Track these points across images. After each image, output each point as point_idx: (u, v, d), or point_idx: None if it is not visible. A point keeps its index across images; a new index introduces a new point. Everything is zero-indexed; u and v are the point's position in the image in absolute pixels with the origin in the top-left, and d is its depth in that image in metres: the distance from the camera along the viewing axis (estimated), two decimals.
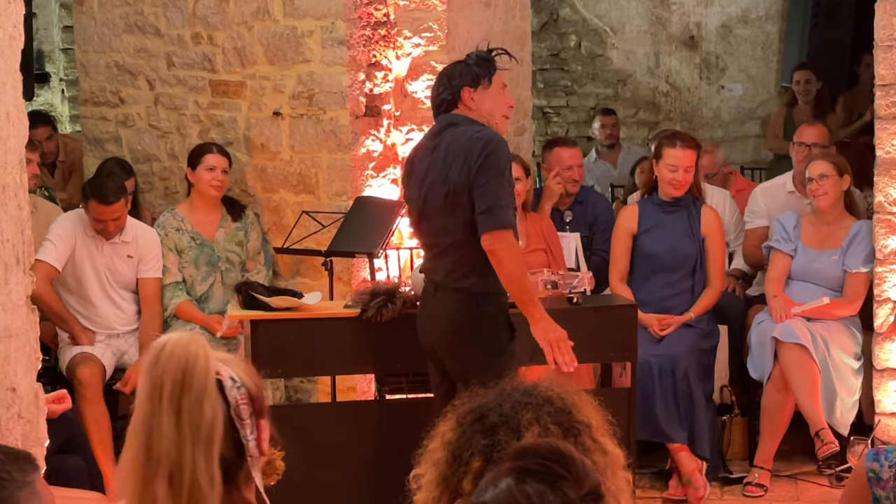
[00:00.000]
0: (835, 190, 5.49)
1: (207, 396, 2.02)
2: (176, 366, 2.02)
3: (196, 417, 2.01)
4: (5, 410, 2.84)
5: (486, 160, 3.98)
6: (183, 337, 2.07)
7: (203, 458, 2.00)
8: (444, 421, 1.95)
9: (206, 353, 2.06)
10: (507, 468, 1.59)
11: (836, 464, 5.29)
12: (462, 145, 4.05)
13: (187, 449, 2.00)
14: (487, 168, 3.99)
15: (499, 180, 4.00)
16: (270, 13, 5.74)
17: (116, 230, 5.41)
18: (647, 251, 5.62)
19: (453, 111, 4.17)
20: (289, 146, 5.79)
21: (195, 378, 2.02)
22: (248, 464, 2.07)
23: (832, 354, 5.32)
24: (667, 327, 5.47)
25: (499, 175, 4.00)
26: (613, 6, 9.66)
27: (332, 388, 5.13)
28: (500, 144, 4.04)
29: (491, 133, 4.07)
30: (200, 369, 2.03)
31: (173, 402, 2.01)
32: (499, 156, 4.01)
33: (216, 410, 2.03)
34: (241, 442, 2.06)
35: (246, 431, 2.07)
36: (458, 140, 4.08)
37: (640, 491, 5.24)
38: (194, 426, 2.00)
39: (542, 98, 9.77)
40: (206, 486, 2.00)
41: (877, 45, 5.12)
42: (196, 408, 2.01)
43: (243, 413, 2.07)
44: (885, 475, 2.71)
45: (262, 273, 5.74)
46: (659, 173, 5.57)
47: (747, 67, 9.41)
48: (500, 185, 4.00)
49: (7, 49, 2.85)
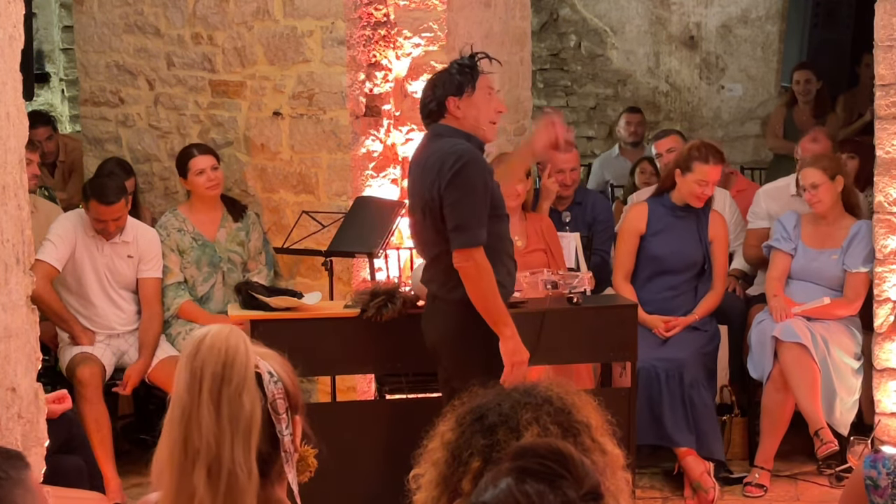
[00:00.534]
0: (829, 195, 5.49)
1: (247, 389, 2.02)
2: (216, 357, 2.02)
3: (236, 410, 2.00)
4: (5, 410, 2.84)
5: (455, 176, 3.96)
6: (223, 329, 2.07)
7: (242, 451, 2.00)
8: (443, 421, 1.95)
9: (247, 346, 2.06)
10: (507, 468, 1.59)
11: (835, 464, 5.30)
12: (436, 160, 4.04)
13: (226, 441, 1.99)
14: (456, 185, 3.96)
15: (469, 197, 3.97)
16: (270, 13, 5.74)
17: (117, 230, 5.41)
18: (653, 253, 5.62)
19: (441, 121, 4.16)
20: (289, 146, 5.79)
21: (235, 370, 2.02)
22: (282, 459, 2.07)
23: (832, 354, 5.32)
24: (673, 328, 5.48)
25: (469, 192, 3.96)
26: (613, 6, 9.66)
27: (332, 388, 5.13)
28: (472, 160, 3.99)
29: (464, 148, 4.03)
30: (241, 361, 2.02)
31: (213, 394, 2.00)
32: (469, 172, 3.97)
33: (255, 403, 2.02)
34: (277, 436, 2.06)
35: (282, 426, 2.06)
36: (434, 154, 4.08)
37: (640, 491, 5.24)
38: (234, 418, 2.00)
39: (542, 98, 9.77)
40: (243, 478, 2.00)
41: (877, 45, 5.11)
42: (236, 400, 2.00)
43: (280, 407, 2.06)
44: (883, 482, 2.71)
45: (263, 273, 5.74)
46: (685, 185, 5.54)
47: (747, 67, 9.41)
48: (469, 202, 3.97)
49: (7, 49, 2.84)
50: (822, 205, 5.50)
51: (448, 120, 4.14)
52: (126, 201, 5.39)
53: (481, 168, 4.04)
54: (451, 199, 3.98)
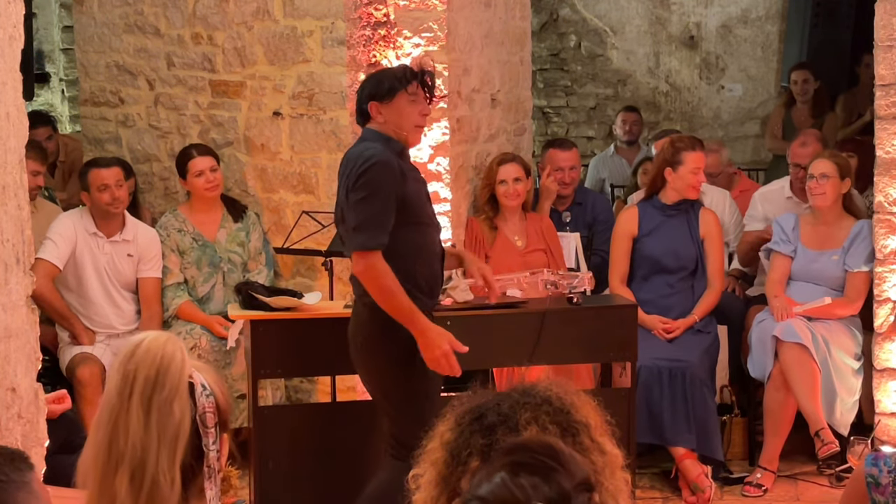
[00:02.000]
0: (834, 191, 5.49)
1: (179, 397, 2.00)
2: (151, 362, 2.00)
3: (165, 417, 1.99)
4: (5, 410, 2.84)
5: (359, 179, 3.96)
6: (161, 336, 2.06)
7: (167, 460, 1.98)
8: (442, 421, 1.95)
9: (183, 355, 2.04)
10: (500, 463, 1.60)
11: (836, 464, 5.30)
12: (347, 162, 4.08)
13: (152, 448, 1.98)
14: (359, 187, 3.96)
15: (369, 200, 3.95)
16: (270, 13, 5.74)
17: (123, 204, 5.45)
18: (647, 253, 5.63)
19: (368, 124, 4.17)
20: (289, 146, 5.79)
21: (169, 377, 2.00)
22: (204, 474, 2.04)
23: (832, 354, 5.32)
24: (672, 331, 5.48)
25: (370, 195, 3.95)
26: (613, 6, 9.66)
27: (332, 388, 5.13)
28: (378, 164, 3.97)
29: (373, 152, 4.01)
30: (175, 369, 2.01)
31: (144, 399, 1.99)
32: (374, 175, 3.96)
33: (185, 413, 2.01)
34: (202, 450, 2.03)
35: (209, 440, 2.03)
36: (348, 157, 4.11)
37: (639, 491, 5.24)
38: (162, 426, 1.98)
39: (542, 98, 9.77)
40: (166, 487, 1.98)
41: (877, 45, 5.12)
42: (166, 407, 1.99)
43: (209, 421, 2.03)
44: (884, 480, 2.71)
45: (264, 273, 5.74)
46: (679, 179, 5.57)
47: (747, 67, 9.41)
48: (370, 204, 3.95)
49: (7, 49, 2.85)
50: (825, 198, 5.49)
51: (372, 124, 4.15)
52: (125, 176, 5.53)
53: (390, 172, 3.99)
54: (352, 200, 3.99)
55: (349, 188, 4.00)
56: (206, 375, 2.08)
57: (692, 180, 5.56)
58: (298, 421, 4.87)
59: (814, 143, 6.07)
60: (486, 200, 5.79)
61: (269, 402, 5.35)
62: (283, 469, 4.67)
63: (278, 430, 4.72)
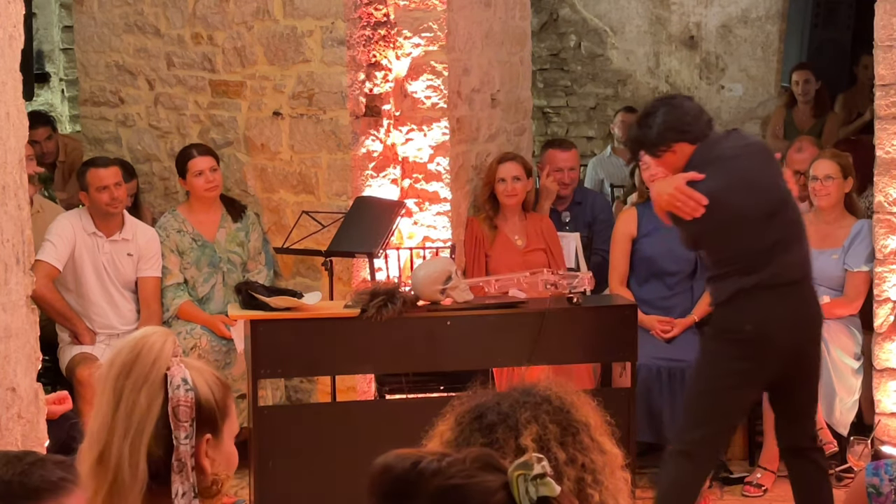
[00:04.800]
0: (838, 192, 5.50)
1: (147, 386, 2.00)
2: (130, 350, 2.01)
3: (131, 404, 1.99)
4: (5, 410, 2.84)
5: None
6: (157, 330, 2.06)
7: (129, 447, 1.98)
8: (442, 420, 1.95)
9: (166, 347, 2.03)
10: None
11: (836, 464, 5.29)
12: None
13: (118, 433, 1.98)
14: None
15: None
16: (270, 13, 5.74)
17: (122, 204, 5.45)
18: (646, 254, 5.63)
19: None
20: (289, 146, 5.79)
21: (140, 364, 2.00)
22: (173, 467, 2.00)
23: (832, 354, 5.32)
24: (669, 330, 5.48)
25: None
26: (613, 6, 9.66)
27: (332, 388, 5.13)
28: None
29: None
30: (149, 358, 2.00)
31: (117, 384, 2.00)
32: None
33: (153, 403, 2.00)
34: (173, 442, 2.01)
35: (180, 433, 2.00)
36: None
37: (639, 491, 5.23)
38: (128, 412, 1.98)
39: (542, 98, 9.77)
40: (128, 476, 1.98)
41: (877, 45, 5.12)
42: (134, 394, 1.99)
43: (182, 415, 2.01)
44: (886, 489, 2.70)
45: (263, 273, 5.74)
46: (644, 180, 5.61)
47: (747, 67, 9.40)
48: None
49: (7, 49, 2.85)
50: (829, 199, 5.50)
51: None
52: (124, 177, 5.54)
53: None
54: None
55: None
56: (195, 374, 2.06)
57: (647, 176, 5.57)
58: (298, 421, 4.86)
59: (810, 148, 6.08)
60: (486, 199, 5.80)
61: (269, 402, 5.34)
62: (283, 469, 4.67)
63: (278, 430, 4.72)
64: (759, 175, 4.21)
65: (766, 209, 4.16)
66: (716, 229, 4.18)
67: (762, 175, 4.22)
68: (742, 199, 4.15)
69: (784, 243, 4.17)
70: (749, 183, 4.17)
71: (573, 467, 1.84)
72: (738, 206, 4.14)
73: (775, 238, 4.15)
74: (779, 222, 4.17)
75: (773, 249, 4.14)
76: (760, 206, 4.16)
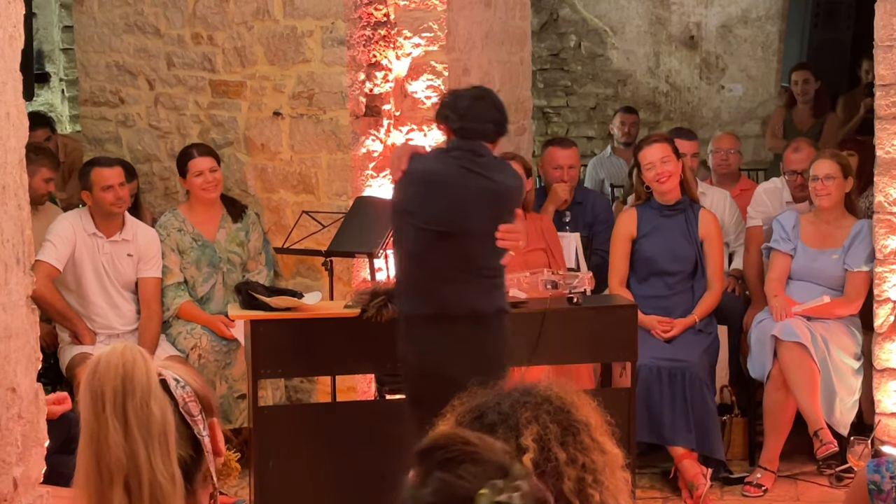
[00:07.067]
0: (838, 191, 5.50)
1: (153, 396, 1.99)
2: (114, 373, 1.99)
3: (145, 418, 1.98)
4: (5, 410, 2.84)
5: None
6: (117, 347, 2.04)
7: (160, 458, 1.98)
8: (443, 420, 1.95)
9: (144, 357, 2.03)
10: (427, 466, 1.58)
11: (836, 464, 5.29)
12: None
13: (141, 452, 1.97)
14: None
15: None
16: (270, 13, 5.74)
17: (125, 204, 5.46)
18: (646, 255, 5.63)
19: None
20: (289, 146, 5.79)
21: (136, 380, 1.99)
22: (206, 462, 2.04)
23: (832, 354, 5.32)
24: (669, 330, 5.48)
25: None
26: (613, 6, 9.66)
27: (332, 388, 5.13)
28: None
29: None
30: (140, 372, 2.00)
31: (117, 409, 1.98)
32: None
33: (165, 409, 2.00)
34: (197, 439, 2.03)
35: (199, 427, 2.03)
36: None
37: (640, 491, 5.24)
38: (145, 428, 1.97)
39: (542, 98, 9.77)
40: (167, 486, 1.97)
41: (877, 45, 5.11)
42: (143, 409, 1.98)
43: (192, 409, 2.03)
44: (887, 486, 2.70)
45: (263, 273, 5.74)
46: (647, 181, 5.60)
47: (747, 67, 9.41)
48: None
49: (7, 49, 2.84)
50: (829, 199, 5.49)
51: None
52: (127, 178, 5.52)
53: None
54: None
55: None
56: (175, 369, 2.08)
57: (649, 175, 5.58)
58: (298, 421, 4.87)
59: (807, 148, 6.08)
60: None
61: (269, 402, 5.34)
62: (283, 469, 4.67)
63: (278, 430, 4.72)
64: (466, 201, 4.09)
65: (444, 224, 4.08)
66: (402, 206, 4.20)
67: (470, 203, 4.09)
68: (428, 199, 4.12)
69: (442, 271, 4.10)
70: (448, 196, 4.10)
71: (574, 467, 1.85)
72: (419, 200, 4.13)
73: (436, 260, 4.10)
74: (450, 246, 4.09)
75: (432, 269, 4.12)
76: (439, 219, 4.09)
